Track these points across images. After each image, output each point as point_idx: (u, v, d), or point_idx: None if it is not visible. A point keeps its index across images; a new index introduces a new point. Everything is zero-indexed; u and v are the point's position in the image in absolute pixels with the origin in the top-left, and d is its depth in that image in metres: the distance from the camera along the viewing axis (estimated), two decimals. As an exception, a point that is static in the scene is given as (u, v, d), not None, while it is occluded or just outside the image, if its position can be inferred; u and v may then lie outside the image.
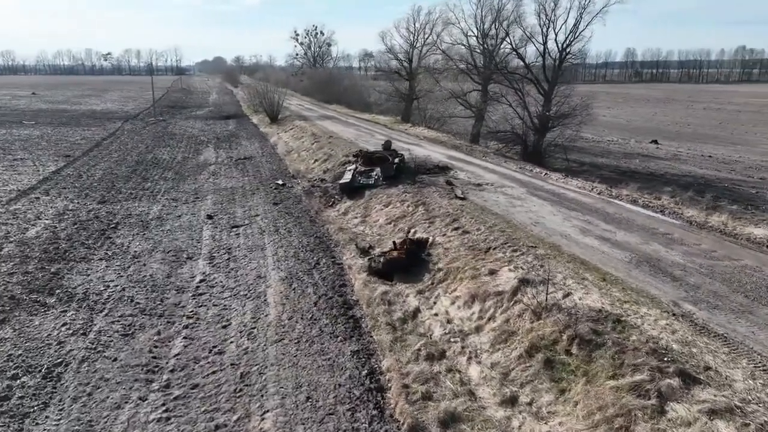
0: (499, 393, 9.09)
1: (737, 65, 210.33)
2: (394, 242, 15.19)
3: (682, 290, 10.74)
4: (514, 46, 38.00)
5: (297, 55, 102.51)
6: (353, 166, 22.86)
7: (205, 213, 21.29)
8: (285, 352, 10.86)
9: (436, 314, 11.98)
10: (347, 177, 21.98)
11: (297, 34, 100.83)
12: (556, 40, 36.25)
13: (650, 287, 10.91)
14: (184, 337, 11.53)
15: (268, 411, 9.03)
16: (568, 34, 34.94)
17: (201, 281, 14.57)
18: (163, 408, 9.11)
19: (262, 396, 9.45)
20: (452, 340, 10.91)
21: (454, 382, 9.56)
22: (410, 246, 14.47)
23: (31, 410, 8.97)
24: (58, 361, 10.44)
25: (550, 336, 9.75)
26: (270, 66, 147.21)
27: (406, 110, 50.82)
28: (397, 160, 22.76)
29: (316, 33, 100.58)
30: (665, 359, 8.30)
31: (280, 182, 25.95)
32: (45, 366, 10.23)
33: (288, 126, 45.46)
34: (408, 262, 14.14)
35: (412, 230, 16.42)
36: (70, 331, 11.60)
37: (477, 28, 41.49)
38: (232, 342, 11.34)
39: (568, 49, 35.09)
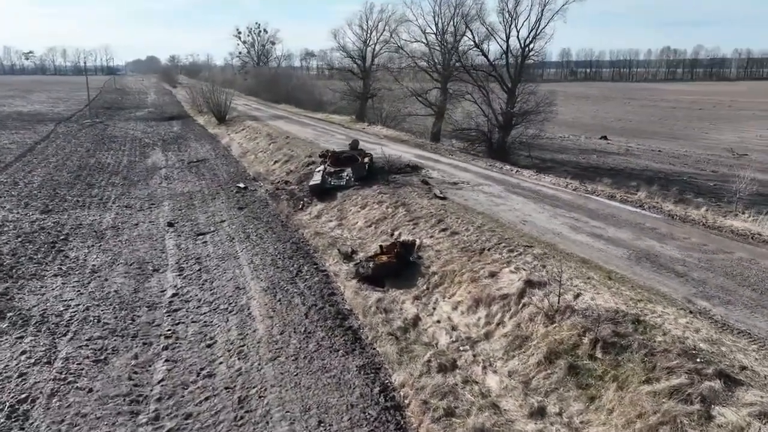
0: (525, 404, 8.58)
1: (663, 65, 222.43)
2: (380, 246, 14.48)
3: (690, 286, 10.62)
4: (476, 42, 38.03)
5: (240, 53, 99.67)
6: (322, 167, 21.93)
7: (164, 220, 19.84)
8: (284, 371, 9.94)
9: (438, 321, 11.37)
10: (317, 178, 21.04)
11: (239, 32, 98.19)
12: (518, 36, 36.63)
13: (658, 284, 10.73)
14: (166, 360, 10.40)
15: (277, 440, 8.15)
16: (531, 31, 35.38)
17: (174, 296, 13.35)
18: (158, 445, 8.05)
19: (267, 423, 8.55)
20: (461, 348, 10.34)
21: (474, 395, 8.98)
22: (400, 249, 13.81)
23: (-1, 459, 7.70)
24: (23, 396, 9.11)
25: (570, 340, 9.34)
26: (215, 65, 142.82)
27: (361, 109, 50.02)
28: (366, 160, 22.02)
29: (259, 31, 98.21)
30: (698, 360, 8.03)
31: (241, 185, 24.66)
32: (7, 403, 8.89)
33: (238, 127, 43.77)
34: (399, 266, 13.48)
35: (396, 232, 15.76)
36: (32, 360, 10.22)
37: (435, 25, 41.28)
38: (221, 363, 10.31)
39: (531, 46, 35.53)
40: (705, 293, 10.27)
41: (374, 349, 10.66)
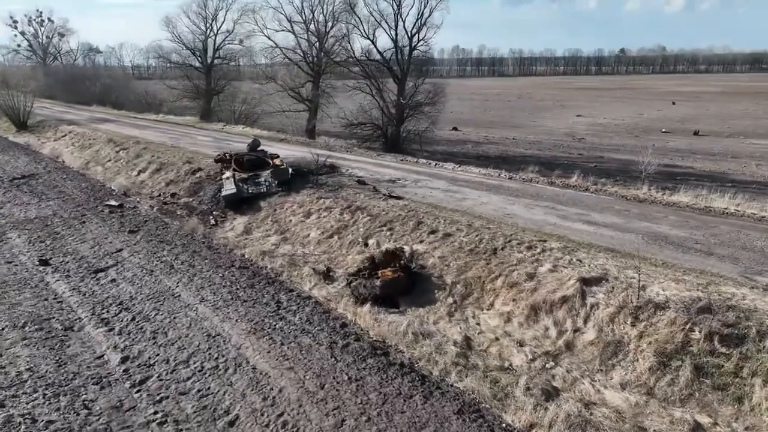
0: (675, 420, 7.59)
1: (455, 63, 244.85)
2: (372, 257, 12.37)
3: (729, 263, 10.71)
4: (364, 31, 36.37)
5: (19, 46, 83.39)
6: (229, 173, 18.53)
7: (29, 257, 14.86)
8: (368, 439, 7.55)
9: (496, 338, 9.86)
10: (230, 187, 17.68)
11: (15, 21, 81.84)
12: (404, 26, 36.06)
13: (702, 265, 10.63)
14: (188, 461, 7.23)
15: None
16: (416, 20, 35.02)
17: (125, 361, 9.67)
18: None
19: None
20: (547, 366, 9.01)
21: (611, 420, 7.73)
22: (405, 261, 11.90)
23: None
24: None
25: (675, 337, 8.60)
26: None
27: (206, 108, 44.74)
28: (278, 162, 19.23)
29: (42, 20, 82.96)
30: (831, 340, 7.85)
31: (113, 203, 19.83)
32: None
33: (55, 133, 36.18)
34: (408, 280, 11.59)
35: (370, 241, 13.71)
36: None
37: (302, 13, 38.35)
38: (270, 446, 7.49)
39: (420, 35, 35.14)
40: (751, 269, 10.41)
41: (451, 386, 8.75)
